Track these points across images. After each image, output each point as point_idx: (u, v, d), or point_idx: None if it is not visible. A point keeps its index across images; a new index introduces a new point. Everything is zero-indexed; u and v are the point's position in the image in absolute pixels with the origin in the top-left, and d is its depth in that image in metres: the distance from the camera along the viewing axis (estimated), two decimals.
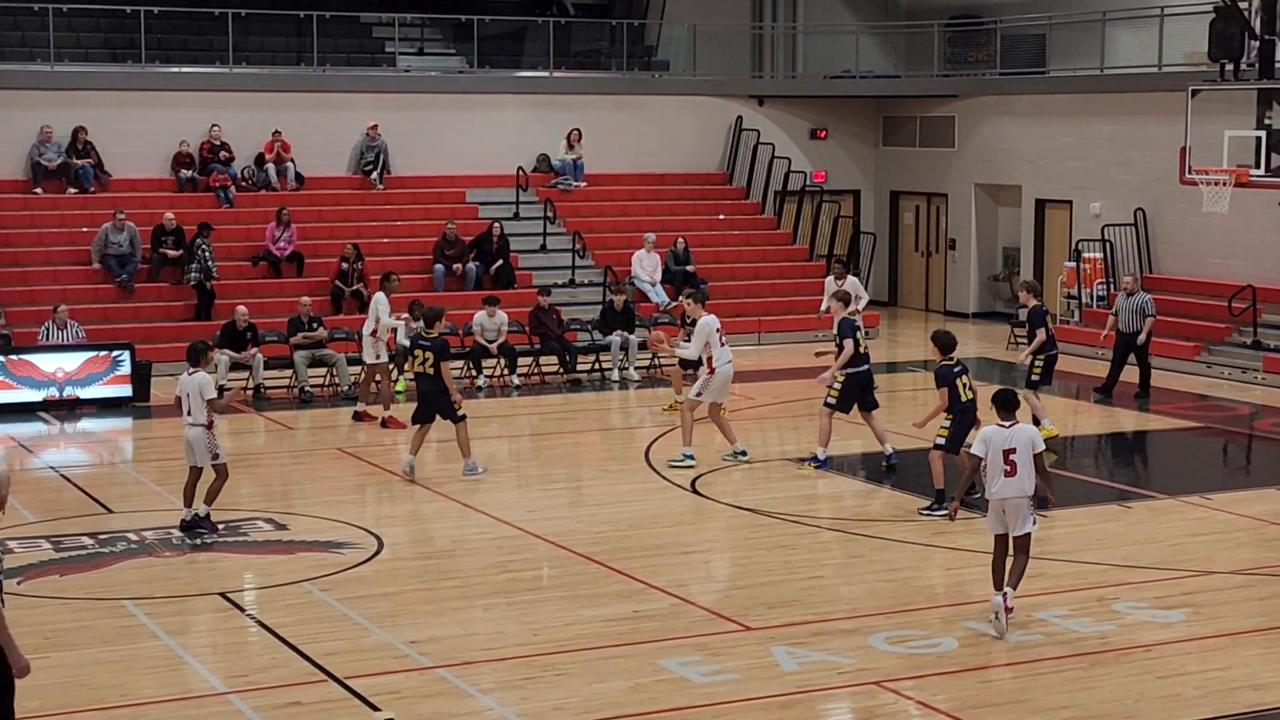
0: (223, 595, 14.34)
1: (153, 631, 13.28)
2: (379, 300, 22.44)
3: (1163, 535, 16.53)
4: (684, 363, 21.27)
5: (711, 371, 19.46)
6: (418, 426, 19.07)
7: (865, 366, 19.35)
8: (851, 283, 25.08)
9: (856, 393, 19.33)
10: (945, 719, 11.37)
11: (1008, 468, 13.10)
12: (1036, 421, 21.27)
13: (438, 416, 18.88)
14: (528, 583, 14.89)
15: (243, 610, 13.96)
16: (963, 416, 16.95)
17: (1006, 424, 13.28)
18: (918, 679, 12.14)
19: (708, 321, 19.53)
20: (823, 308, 24.09)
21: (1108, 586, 14.53)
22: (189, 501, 16.47)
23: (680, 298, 20.61)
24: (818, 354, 20.57)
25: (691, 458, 19.51)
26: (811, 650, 12.77)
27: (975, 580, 14.81)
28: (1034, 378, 20.87)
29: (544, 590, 14.79)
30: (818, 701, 11.78)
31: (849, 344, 19.00)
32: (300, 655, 12.65)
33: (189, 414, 16.32)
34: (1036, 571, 15.07)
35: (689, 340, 19.90)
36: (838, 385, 19.17)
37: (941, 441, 16.99)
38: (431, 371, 18.66)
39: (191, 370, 16.42)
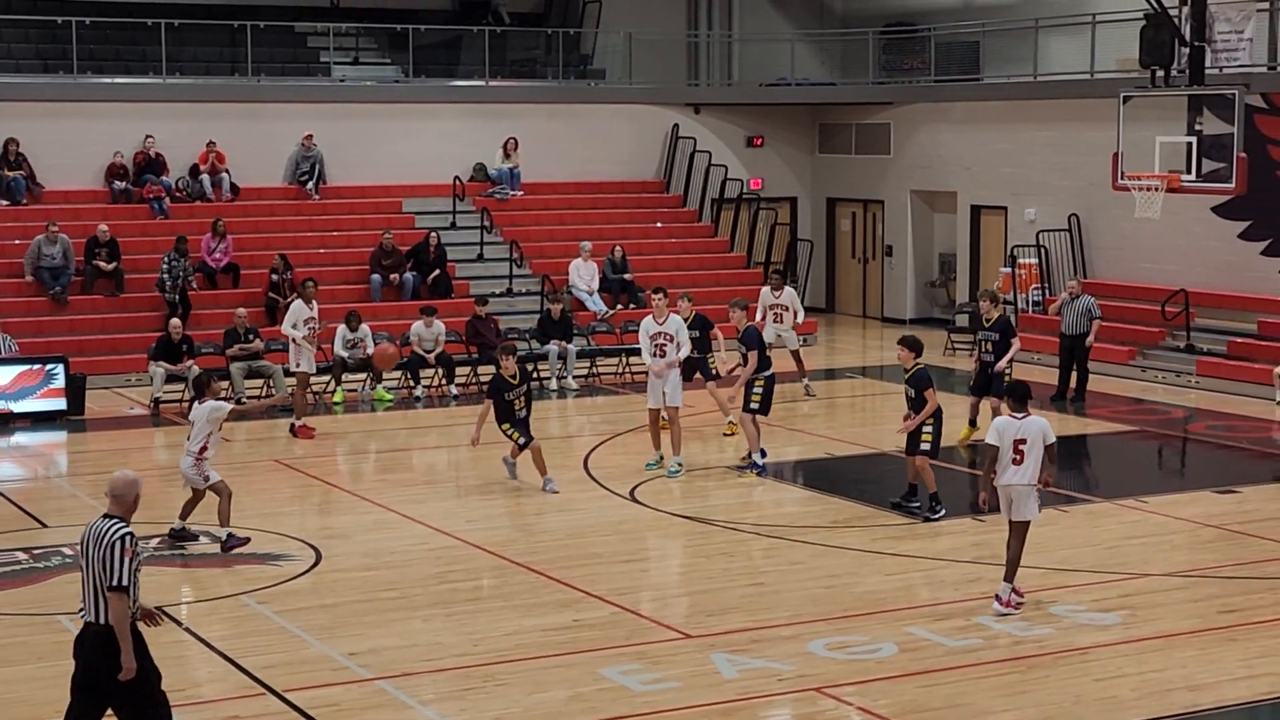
0: (159, 609, 14.20)
1: None
2: (291, 308, 22.62)
3: (1099, 538, 16.64)
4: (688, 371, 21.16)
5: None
6: None
7: (771, 370, 19.75)
8: (788, 294, 25.10)
9: (773, 392, 19.77)
10: None
11: (1016, 456, 13.73)
12: (973, 422, 21.48)
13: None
14: (467, 593, 14.86)
15: (179, 624, 13.86)
16: (941, 420, 17.39)
17: (1019, 415, 13.88)
18: (858, 685, 12.17)
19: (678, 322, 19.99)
20: (757, 318, 24.10)
21: (1045, 590, 14.60)
22: (184, 515, 16.56)
23: (680, 300, 20.72)
24: (730, 370, 20.68)
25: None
26: (752, 657, 12.79)
27: (915, 585, 14.89)
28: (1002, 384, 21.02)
29: (483, 600, 14.76)
30: (758, 709, 11.79)
31: (753, 355, 19.37)
32: (238, 669, 12.57)
33: (188, 439, 16.45)
34: (974, 576, 15.19)
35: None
36: (758, 389, 19.50)
37: (926, 448, 17.23)
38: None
39: (200, 400, 16.55)
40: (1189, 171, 23.12)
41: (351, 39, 34.45)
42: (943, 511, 17.21)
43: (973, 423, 21.56)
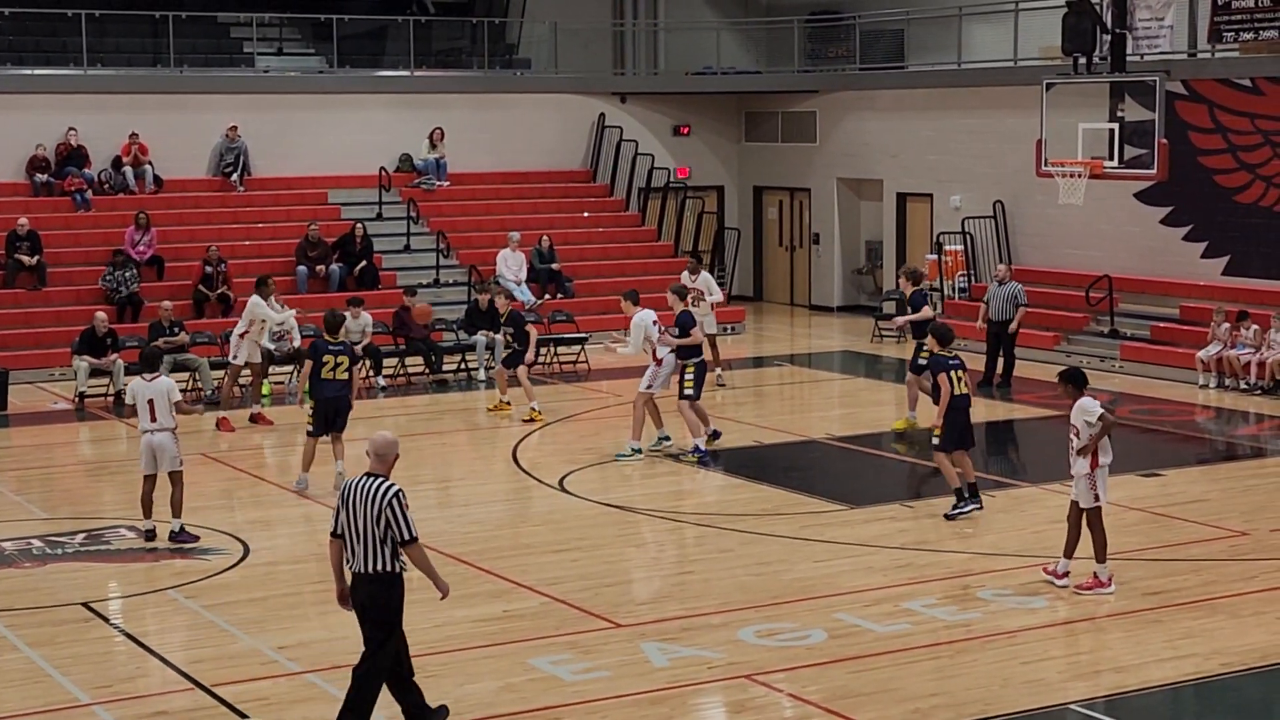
0: (85, 605, 14.11)
1: (14, 644, 13.04)
2: (255, 303, 22.37)
3: (1025, 523, 16.76)
4: (508, 361, 22.70)
5: (658, 363, 19.90)
6: (316, 439, 18.50)
7: (701, 357, 20.03)
8: (704, 279, 25.35)
9: (704, 378, 20.08)
10: (816, 710, 11.45)
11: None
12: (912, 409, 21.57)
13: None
14: None
15: (106, 620, 13.75)
16: (955, 413, 16.66)
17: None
18: (788, 671, 12.21)
19: (643, 316, 20.06)
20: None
21: (972, 575, 14.71)
22: (149, 512, 15.97)
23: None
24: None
25: (640, 451, 19.82)
26: (682, 645, 12.81)
27: (844, 572, 14.95)
28: (920, 362, 21.09)
29: (413, 592, 14.64)
30: (689, 696, 11.81)
31: (695, 332, 19.81)
32: (166, 664, 12.49)
33: (153, 419, 15.73)
34: (903, 562, 15.27)
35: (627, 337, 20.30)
36: (690, 375, 19.75)
37: (937, 442, 16.80)
38: (345, 376, 18.35)
39: (150, 376, 15.88)
40: (1111, 158, 23.30)
41: (275, 29, 34.22)
42: (970, 507, 16.75)
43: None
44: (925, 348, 19.28)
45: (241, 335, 22.32)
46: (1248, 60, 26.39)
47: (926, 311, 21.31)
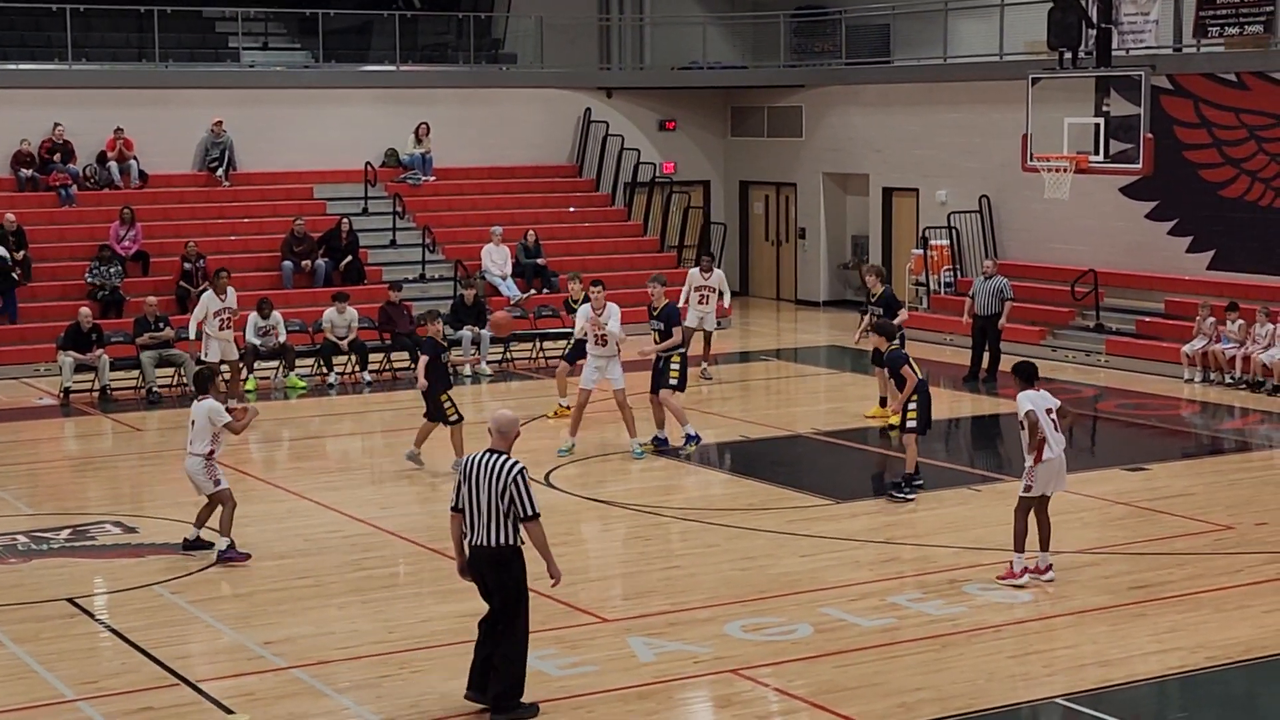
0: (70, 601, 14.09)
1: None
2: (205, 297, 22.62)
3: (1010, 517, 16.71)
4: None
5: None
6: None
7: (685, 349, 20.05)
8: (717, 277, 25.30)
9: (687, 368, 20.09)
10: (802, 704, 11.45)
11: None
12: (883, 401, 21.60)
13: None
14: (382, 580, 14.80)
15: (92, 616, 13.73)
16: (925, 396, 17.51)
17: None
18: (774, 665, 12.22)
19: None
20: (681, 301, 24.28)
21: (959, 569, 14.73)
22: (200, 523, 15.58)
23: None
24: (642, 352, 20.37)
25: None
26: (668, 640, 12.82)
27: (830, 566, 14.96)
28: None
29: (399, 587, 14.71)
30: (675, 691, 11.82)
31: (677, 331, 19.72)
32: (151, 660, 12.46)
33: (190, 443, 15.36)
34: (889, 556, 15.30)
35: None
36: (675, 366, 19.72)
37: (913, 424, 17.35)
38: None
39: (200, 397, 15.45)
40: (1097, 152, 23.31)
41: (260, 24, 34.18)
42: (913, 494, 17.29)
43: (883, 402, 21.70)
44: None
45: (206, 333, 22.84)
46: (1233, 55, 26.44)
47: (903, 315, 21.53)
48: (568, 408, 21.37)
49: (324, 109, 32.09)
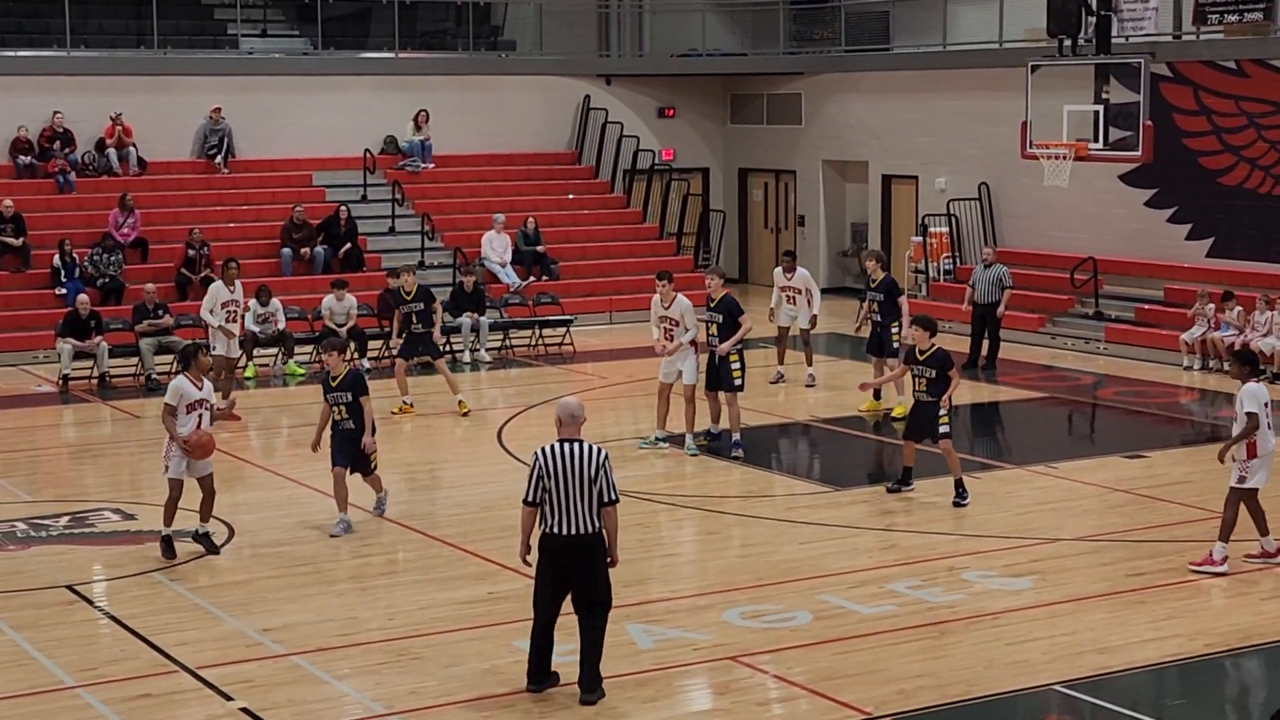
0: (69, 588, 14.10)
1: None
2: (213, 288, 22.53)
3: (1010, 505, 16.79)
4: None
5: (697, 350, 19.26)
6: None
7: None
8: (801, 276, 23.81)
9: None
10: (801, 691, 11.46)
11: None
12: (877, 394, 21.52)
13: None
14: (382, 567, 14.81)
15: (91, 603, 13.74)
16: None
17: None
18: (774, 653, 12.23)
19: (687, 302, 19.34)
20: (772, 303, 23.95)
21: (957, 556, 14.74)
22: (204, 516, 15.13)
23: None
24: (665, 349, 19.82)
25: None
26: (667, 627, 12.83)
27: (829, 554, 14.96)
28: (895, 345, 21.14)
29: (398, 574, 14.72)
30: (674, 678, 11.83)
31: (745, 319, 19.19)
32: (151, 646, 12.47)
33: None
34: (888, 543, 15.31)
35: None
36: (736, 366, 19.04)
37: (947, 429, 16.73)
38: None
39: (178, 373, 15.07)
40: (1096, 140, 23.33)
41: (259, 10, 34.11)
42: (967, 499, 16.62)
43: (876, 395, 21.58)
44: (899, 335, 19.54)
45: (212, 325, 22.56)
46: (1232, 43, 26.42)
47: (905, 306, 21.44)
48: (411, 405, 21.65)
49: (323, 96, 32.04)
